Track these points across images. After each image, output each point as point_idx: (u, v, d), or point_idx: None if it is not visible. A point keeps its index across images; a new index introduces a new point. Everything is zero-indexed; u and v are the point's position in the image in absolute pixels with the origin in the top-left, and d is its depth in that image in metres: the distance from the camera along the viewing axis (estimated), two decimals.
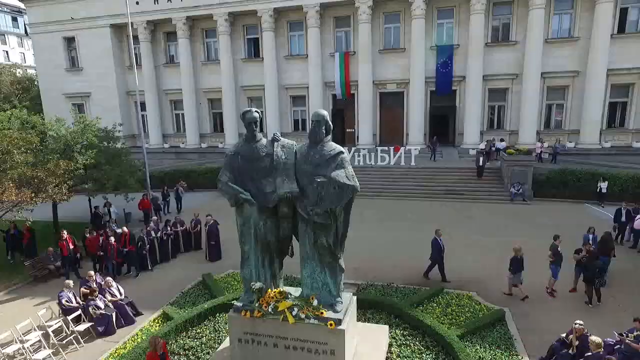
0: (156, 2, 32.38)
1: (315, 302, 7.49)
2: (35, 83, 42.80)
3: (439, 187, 23.37)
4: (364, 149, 29.03)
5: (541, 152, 25.39)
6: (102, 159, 16.95)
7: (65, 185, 14.62)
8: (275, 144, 7.48)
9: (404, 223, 18.84)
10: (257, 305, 7.62)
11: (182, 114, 35.08)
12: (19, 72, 50.59)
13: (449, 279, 12.88)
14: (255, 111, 7.49)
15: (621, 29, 26.10)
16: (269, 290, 7.74)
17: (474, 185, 23.19)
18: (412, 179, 24.39)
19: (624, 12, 25.96)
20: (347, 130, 32.88)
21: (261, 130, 24.75)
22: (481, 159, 21.65)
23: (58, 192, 14.12)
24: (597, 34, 25.56)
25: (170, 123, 36.20)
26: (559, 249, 11.54)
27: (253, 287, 7.64)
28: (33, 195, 13.14)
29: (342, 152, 7.09)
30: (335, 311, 7.43)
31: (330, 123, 7.28)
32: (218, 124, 35.31)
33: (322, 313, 7.35)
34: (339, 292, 7.71)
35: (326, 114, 7.23)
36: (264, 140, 7.59)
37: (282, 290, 7.77)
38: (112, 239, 13.33)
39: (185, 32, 32.63)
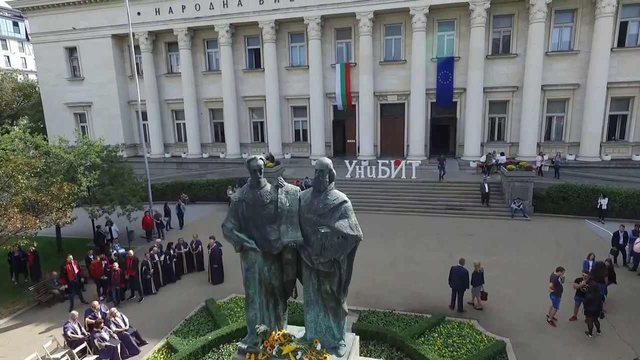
0: (157, 13, 32.49)
1: (318, 346, 7.57)
2: (37, 89, 42.91)
3: (439, 202, 23.46)
4: (364, 160, 29.21)
5: (541, 165, 25.49)
6: (105, 179, 17.06)
7: (69, 208, 14.75)
8: (280, 190, 7.57)
9: (404, 241, 18.91)
10: (261, 348, 7.72)
11: (184, 124, 35.21)
12: (20, 78, 50.64)
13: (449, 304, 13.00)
14: (260, 158, 7.57)
15: (621, 42, 26.21)
16: (273, 332, 7.83)
17: (475, 201, 23.26)
18: (412, 193, 24.48)
19: (623, 26, 26.07)
20: (348, 141, 33.01)
21: (262, 140, 25.15)
22: (486, 185, 21.53)
23: (62, 216, 14.24)
24: (597, 47, 25.65)
25: (172, 133, 36.31)
26: (559, 279, 11.59)
27: (257, 330, 7.74)
28: (37, 220, 13.24)
29: (345, 202, 7.17)
30: (339, 355, 7.52)
31: (334, 171, 7.35)
32: (219, 134, 35.43)
33: (325, 357, 7.42)
34: (342, 335, 7.80)
35: (330, 162, 7.31)
36: (268, 187, 7.67)
37: (286, 333, 7.86)
38: (116, 264, 13.42)
39: (186, 42, 32.74)
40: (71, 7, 34.09)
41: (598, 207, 20.81)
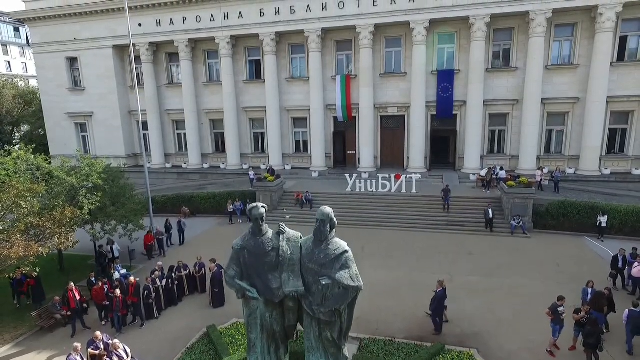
0: (158, 24, 32.57)
1: None
2: (38, 96, 43.00)
3: (440, 217, 23.51)
4: (365, 172, 29.36)
5: (541, 180, 25.57)
6: (107, 200, 17.14)
7: (71, 232, 14.87)
8: (281, 237, 7.67)
9: (405, 260, 18.91)
10: None
11: (184, 134, 35.29)
12: (21, 84, 50.74)
13: (451, 331, 13.07)
14: (262, 206, 7.68)
15: (621, 57, 26.29)
16: None
17: (475, 216, 23.32)
18: (413, 209, 24.53)
19: (623, 41, 26.16)
20: (348, 152, 33.09)
21: (263, 151, 25.53)
22: (490, 211, 21.32)
23: (64, 241, 14.33)
24: (597, 61, 25.73)
25: (173, 143, 36.40)
26: (558, 309, 11.64)
27: None
28: (39, 247, 13.32)
29: (346, 252, 7.26)
30: None
31: (335, 220, 7.44)
32: (220, 144, 35.52)
33: None
34: None
35: (331, 211, 7.40)
36: (269, 233, 7.78)
37: None
38: (118, 291, 13.49)
39: (187, 53, 32.82)
40: (72, 18, 34.20)
41: (598, 224, 20.86)
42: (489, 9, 26.21)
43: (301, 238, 7.78)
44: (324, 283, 7.02)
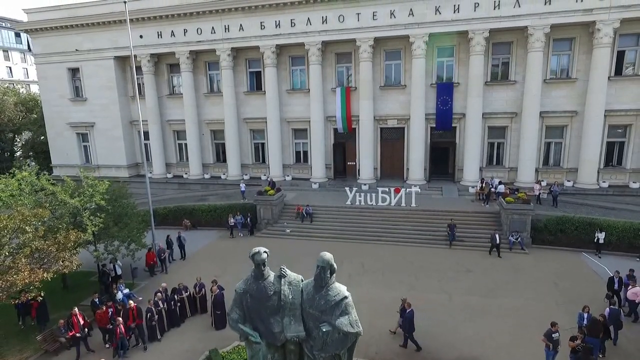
0: (160, 36, 32.77)
1: None
2: (39, 102, 43.15)
3: (439, 232, 23.66)
4: (364, 184, 29.60)
5: (540, 193, 25.79)
6: (110, 221, 17.35)
7: (76, 253, 15.11)
8: (282, 280, 7.88)
9: (404, 278, 19.04)
10: None
11: (185, 144, 35.49)
12: (22, 91, 50.85)
13: (449, 355, 13.30)
14: (264, 252, 7.90)
15: (618, 71, 26.51)
16: None
17: (474, 230, 23.54)
18: (412, 223, 24.72)
19: (620, 55, 26.38)
20: (348, 163, 33.30)
21: (263, 161, 25.82)
22: (497, 236, 21.18)
23: (68, 264, 14.55)
24: (594, 76, 25.94)
25: (174, 153, 36.60)
26: (552, 336, 11.87)
27: None
28: (44, 273, 13.54)
29: (346, 297, 7.48)
30: None
31: (335, 265, 7.66)
32: (221, 155, 35.74)
33: None
34: None
35: (331, 257, 7.61)
36: (271, 277, 7.99)
37: None
38: (120, 319, 13.67)
39: (188, 65, 33.02)
40: (75, 29, 34.45)
41: (595, 240, 21.07)
42: (488, 23, 26.42)
43: (302, 281, 8.00)
44: (324, 330, 7.24)
